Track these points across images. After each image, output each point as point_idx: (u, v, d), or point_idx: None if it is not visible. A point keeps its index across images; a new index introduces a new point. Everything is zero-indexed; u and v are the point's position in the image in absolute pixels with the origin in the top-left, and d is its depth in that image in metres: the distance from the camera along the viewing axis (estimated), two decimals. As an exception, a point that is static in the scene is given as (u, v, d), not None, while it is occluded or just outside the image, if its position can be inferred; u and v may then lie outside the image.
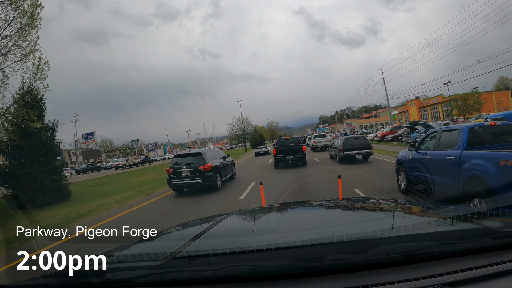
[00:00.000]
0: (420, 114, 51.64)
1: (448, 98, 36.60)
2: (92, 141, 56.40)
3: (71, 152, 51.82)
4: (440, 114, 45.65)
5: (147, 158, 45.38)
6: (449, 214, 1.60)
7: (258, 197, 5.33)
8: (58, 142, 50.75)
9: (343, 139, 13.05)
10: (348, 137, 13.34)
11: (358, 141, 12.78)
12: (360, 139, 13.00)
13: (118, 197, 10.32)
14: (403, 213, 1.77)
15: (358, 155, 12.44)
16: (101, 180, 19.56)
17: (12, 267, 3.63)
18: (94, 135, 55.63)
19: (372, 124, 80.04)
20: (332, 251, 1.09)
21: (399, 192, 6.06)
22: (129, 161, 38.63)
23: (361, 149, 12.47)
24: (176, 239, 1.70)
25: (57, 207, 9.93)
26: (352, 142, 12.68)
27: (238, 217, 1.97)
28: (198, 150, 11.65)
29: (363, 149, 12.50)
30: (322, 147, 23.61)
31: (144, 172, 23.77)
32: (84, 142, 58.22)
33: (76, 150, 48.62)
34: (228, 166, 10.78)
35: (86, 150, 57.00)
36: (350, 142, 12.70)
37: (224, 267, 1.07)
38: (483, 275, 0.96)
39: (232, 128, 55.22)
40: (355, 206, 2.13)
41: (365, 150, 12.51)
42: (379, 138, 25.92)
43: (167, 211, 7.44)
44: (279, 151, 13.64)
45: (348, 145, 12.52)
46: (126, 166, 36.44)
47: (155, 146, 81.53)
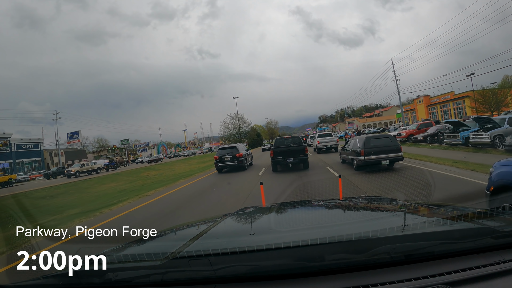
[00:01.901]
0: (428, 112, 48.86)
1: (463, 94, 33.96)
2: (77, 141, 53.05)
3: (53, 152, 48.41)
4: (451, 112, 42.88)
5: (112, 162, 38.07)
6: (450, 214, 1.62)
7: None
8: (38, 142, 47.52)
9: (363, 139, 10.09)
10: (369, 137, 10.35)
11: (383, 142, 9.85)
12: (385, 139, 10.05)
13: (54, 223, 7.43)
14: (403, 213, 1.77)
15: (384, 160, 9.51)
16: (58, 189, 16.47)
17: (13, 268, 3.69)
18: (79, 135, 52.29)
19: (376, 123, 77.55)
20: (333, 250, 1.10)
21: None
22: (84, 167, 30.92)
23: (388, 153, 9.56)
24: (176, 239, 1.71)
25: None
26: (376, 143, 9.75)
27: (238, 217, 1.97)
28: (233, 144, 16.89)
29: (390, 152, 9.59)
30: (327, 148, 21.03)
31: (114, 178, 20.53)
32: (69, 142, 54.92)
33: (58, 151, 45.28)
34: (249, 155, 16.32)
35: (70, 150, 53.45)
36: (374, 143, 9.78)
37: (225, 267, 1.08)
38: (483, 274, 0.96)
39: (226, 126, 50.16)
40: (355, 206, 2.13)
41: (394, 154, 9.60)
42: (403, 138, 21.15)
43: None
44: (277, 152, 12.10)
45: (371, 147, 9.60)
46: (80, 174, 28.63)
47: (147, 146, 78.18)
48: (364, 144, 9.66)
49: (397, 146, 9.86)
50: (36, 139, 45.91)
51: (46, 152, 48.09)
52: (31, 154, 44.64)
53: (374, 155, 9.49)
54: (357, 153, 10.07)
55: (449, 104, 43.50)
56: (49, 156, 48.68)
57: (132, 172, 24.85)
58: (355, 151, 10.33)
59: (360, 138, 10.44)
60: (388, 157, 9.57)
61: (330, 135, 22.84)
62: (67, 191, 14.76)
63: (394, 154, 9.66)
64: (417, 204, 2.15)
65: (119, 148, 67.42)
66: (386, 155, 9.56)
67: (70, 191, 14.70)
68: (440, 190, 5.84)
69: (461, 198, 5.60)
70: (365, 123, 79.97)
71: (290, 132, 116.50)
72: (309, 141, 32.17)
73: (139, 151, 76.65)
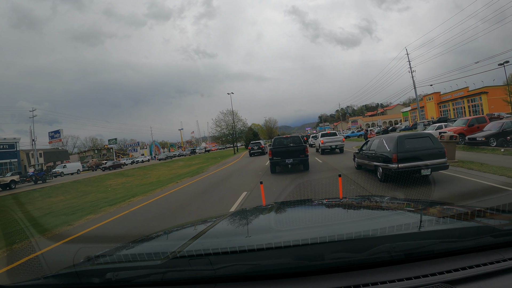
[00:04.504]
0: (439, 110, 46.29)
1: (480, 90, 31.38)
2: (59, 140, 50.02)
3: (30, 153, 45.19)
4: (465, 109, 40.29)
5: (40, 172, 28.67)
6: (450, 212, 1.63)
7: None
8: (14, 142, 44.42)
9: (394, 139, 7.36)
10: (404, 136, 7.52)
11: (423, 144, 7.17)
12: (425, 139, 7.33)
13: None
14: (403, 211, 1.76)
15: (425, 169, 6.83)
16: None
17: (13, 268, 3.64)
18: (60, 134, 49.28)
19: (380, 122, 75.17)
20: (333, 249, 1.12)
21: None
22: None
23: (429, 158, 6.90)
24: (176, 238, 1.70)
25: None
26: (414, 145, 7.07)
27: (238, 217, 1.99)
28: (258, 140, 27.50)
29: (433, 157, 6.93)
30: (332, 148, 18.81)
31: (35, 197, 15.05)
32: (50, 142, 51.93)
33: (34, 151, 42.18)
34: (267, 147, 20.48)
35: (51, 150, 50.31)
36: (411, 144, 7.09)
37: (225, 266, 1.09)
38: (483, 273, 0.97)
39: (218, 124, 43.25)
40: (355, 205, 2.14)
41: (437, 161, 6.94)
42: (448, 138, 15.35)
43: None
44: (276, 152, 11.46)
45: (407, 151, 6.94)
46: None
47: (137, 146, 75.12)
48: (398, 146, 6.97)
49: (441, 150, 7.19)
50: (12, 138, 42.76)
51: (23, 152, 44.97)
52: (5, 155, 41.47)
53: (411, 162, 6.82)
54: (384, 159, 7.39)
55: (462, 101, 40.92)
56: (26, 157, 45.57)
57: (96, 179, 20.91)
58: (381, 155, 7.65)
59: (389, 138, 7.73)
60: (430, 165, 6.90)
61: (335, 134, 20.69)
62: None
63: (437, 160, 6.99)
64: (417, 203, 2.19)
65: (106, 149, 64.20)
66: (427, 161, 6.89)
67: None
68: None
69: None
70: (369, 122, 77.41)
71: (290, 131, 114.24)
72: (311, 141, 30.17)
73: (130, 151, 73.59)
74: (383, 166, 7.42)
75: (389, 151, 7.19)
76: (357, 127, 68.10)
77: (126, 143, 78.59)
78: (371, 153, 8.49)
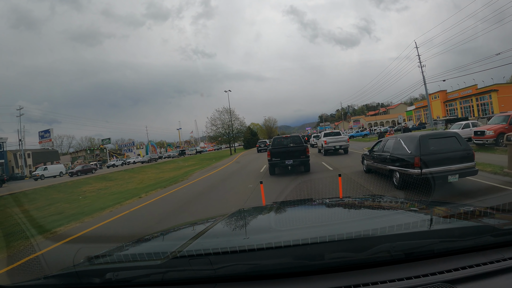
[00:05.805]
0: (445, 109, 45.30)
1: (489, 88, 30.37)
2: (49, 140, 48.84)
3: (17, 154, 43.90)
4: (474, 108, 39.27)
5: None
6: (450, 212, 1.63)
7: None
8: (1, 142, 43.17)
9: (416, 139, 6.24)
10: (427, 135, 6.33)
11: (449, 145, 6.10)
12: (451, 139, 6.26)
13: None
14: (403, 211, 1.77)
15: (453, 174, 5.78)
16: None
17: (13, 268, 3.56)
18: (50, 133, 48.11)
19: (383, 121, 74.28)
20: (333, 249, 1.12)
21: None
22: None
23: (457, 162, 5.86)
24: (176, 238, 1.71)
25: None
26: (439, 146, 6.01)
27: (238, 216, 1.97)
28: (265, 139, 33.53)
29: (460, 161, 5.90)
30: (335, 149, 17.92)
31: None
32: (40, 142, 50.82)
33: (22, 152, 40.96)
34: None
35: (40, 151, 48.94)
36: (435, 145, 6.02)
37: (225, 266, 1.09)
38: (483, 272, 0.98)
39: (213, 123, 41.26)
40: (355, 204, 2.14)
41: (465, 165, 5.91)
42: (489, 139, 12.40)
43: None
44: (274, 153, 10.99)
45: (432, 153, 5.88)
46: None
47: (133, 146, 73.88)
48: (421, 148, 5.90)
49: (469, 152, 6.14)
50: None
51: (10, 153, 43.74)
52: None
53: (437, 167, 5.76)
54: (403, 162, 6.33)
55: (471, 100, 39.92)
56: (14, 158, 44.29)
57: (74, 184, 18.83)
58: (399, 158, 6.59)
59: (409, 138, 6.65)
60: (458, 170, 5.86)
61: (339, 133, 19.78)
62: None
63: (465, 164, 5.95)
64: (417, 202, 2.26)
65: (98, 149, 62.96)
66: (454, 165, 5.85)
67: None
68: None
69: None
70: (372, 121, 76.49)
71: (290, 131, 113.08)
72: (313, 141, 29.19)
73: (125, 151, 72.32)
74: (402, 171, 6.37)
75: (410, 154, 6.13)
76: (359, 127, 67.05)
77: (123, 143, 77.36)
78: (385, 156, 7.43)
